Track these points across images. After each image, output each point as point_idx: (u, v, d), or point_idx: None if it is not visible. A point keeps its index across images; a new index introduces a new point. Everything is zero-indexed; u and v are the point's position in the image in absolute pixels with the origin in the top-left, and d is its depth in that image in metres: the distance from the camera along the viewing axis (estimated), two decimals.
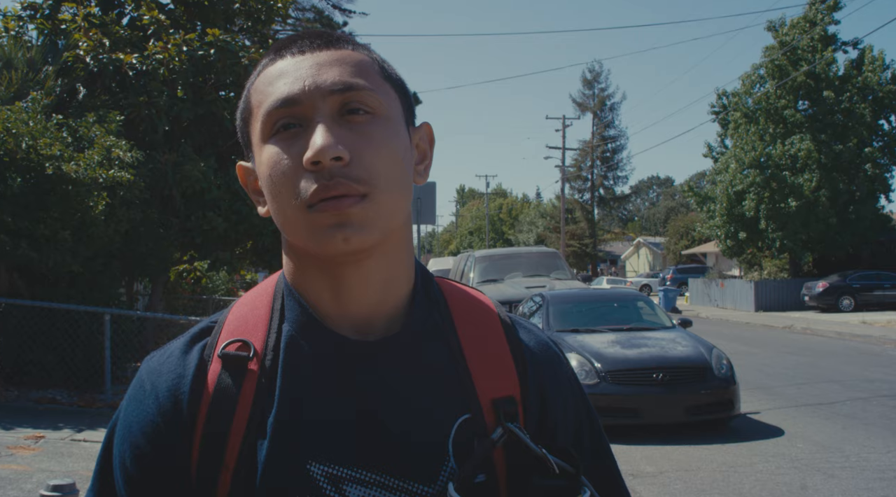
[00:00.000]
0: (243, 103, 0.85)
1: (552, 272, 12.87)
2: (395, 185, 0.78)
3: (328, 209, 0.74)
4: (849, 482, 5.65)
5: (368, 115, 0.78)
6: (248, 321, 0.84)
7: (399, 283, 0.84)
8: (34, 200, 7.04)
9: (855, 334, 17.97)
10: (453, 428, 0.81)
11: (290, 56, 0.81)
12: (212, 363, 0.81)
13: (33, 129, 7.14)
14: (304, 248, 0.80)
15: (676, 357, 7.52)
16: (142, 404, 0.81)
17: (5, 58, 8.54)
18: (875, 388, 9.77)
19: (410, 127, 0.87)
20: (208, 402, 0.79)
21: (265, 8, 10.34)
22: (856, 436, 7.12)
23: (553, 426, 0.86)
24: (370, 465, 0.78)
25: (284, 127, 0.78)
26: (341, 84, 0.78)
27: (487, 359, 0.85)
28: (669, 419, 7.26)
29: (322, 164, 0.74)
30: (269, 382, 0.79)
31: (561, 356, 0.93)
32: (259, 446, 0.77)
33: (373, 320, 0.83)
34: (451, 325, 0.86)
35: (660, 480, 5.85)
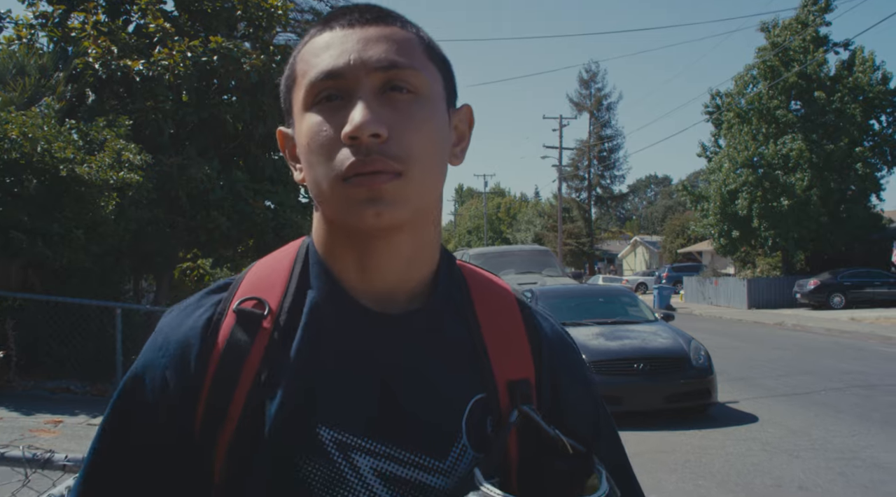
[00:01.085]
0: (289, 70, 0.85)
1: (544, 269, 13.31)
2: (431, 164, 0.80)
3: (363, 183, 0.75)
4: (811, 462, 6.07)
5: (411, 93, 0.79)
6: (266, 281, 0.85)
7: (424, 261, 0.85)
8: (49, 201, 7.45)
9: (843, 331, 18.36)
10: (467, 406, 0.81)
11: (340, 28, 0.81)
12: (226, 317, 0.82)
13: (48, 134, 7.55)
14: (336, 219, 0.81)
15: (656, 348, 7.95)
16: (154, 356, 0.82)
17: (19, 65, 8.94)
18: (851, 379, 10.20)
19: (451, 108, 0.87)
20: (218, 355, 0.80)
21: (266, 15, 10.76)
22: (825, 422, 7.54)
23: (566, 411, 0.88)
24: (381, 436, 0.78)
25: (327, 98, 0.79)
26: (386, 61, 0.78)
27: (504, 341, 0.86)
28: (649, 407, 7.67)
29: (360, 140, 0.75)
30: (282, 342, 0.80)
31: (574, 346, 0.95)
32: (267, 404, 0.78)
33: (396, 295, 0.84)
34: (470, 305, 0.87)
35: (636, 461, 6.17)
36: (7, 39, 9.75)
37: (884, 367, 11.42)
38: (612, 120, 51.32)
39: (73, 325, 8.10)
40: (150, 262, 9.36)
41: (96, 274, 8.49)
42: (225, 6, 10.33)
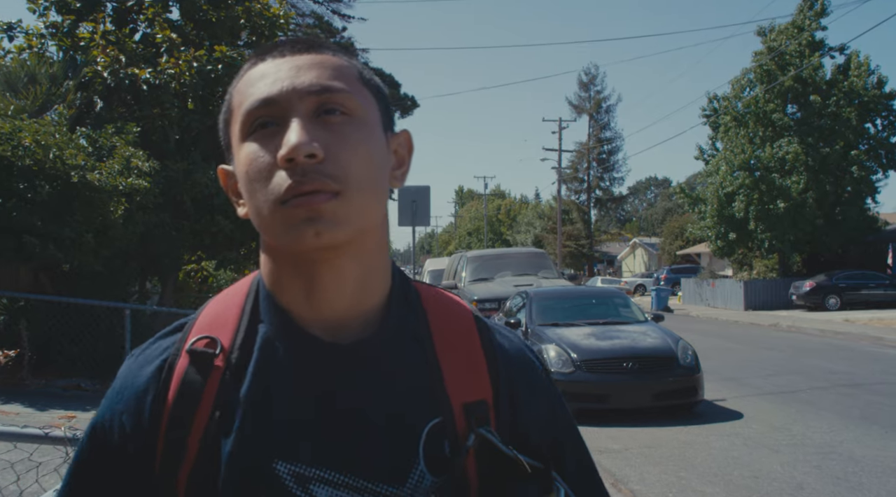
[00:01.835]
0: (225, 106, 0.86)
1: (540, 271, 13.59)
2: (369, 185, 0.80)
3: (301, 204, 0.75)
4: (789, 455, 6.36)
5: (345, 116, 0.80)
6: (219, 319, 0.86)
7: (374, 286, 0.85)
8: (61, 206, 7.75)
9: (837, 331, 18.60)
10: (424, 431, 0.81)
11: (272, 59, 0.83)
12: (180, 359, 0.83)
13: (60, 141, 7.86)
14: (278, 244, 0.81)
15: (645, 348, 8.24)
16: (113, 404, 0.84)
17: (30, 73, 9.25)
18: (836, 378, 10.49)
19: (388, 132, 0.87)
20: (173, 397, 0.81)
21: (268, 24, 11.06)
22: (806, 418, 7.83)
23: (526, 429, 0.87)
24: (338, 466, 0.79)
25: (262, 125, 0.79)
26: (318, 85, 0.79)
27: (461, 363, 0.86)
28: (638, 404, 7.96)
29: (296, 161, 0.75)
30: (234, 379, 0.81)
31: (535, 362, 0.94)
32: (223, 442, 0.79)
33: (347, 322, 0.84)
34: (426, 328, 0.87)
35: (623, 455, 6.57)
36: (18, 48, 10.06)
37: (870, 367, 11.70)
38: (611, 122, 51.56)
39: (84, 325, 8.41)
40: (157, 264, 9.67)
41: (105, 276, 8.79)
42: (229, 15, 10.64)
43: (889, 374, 10.97)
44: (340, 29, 31.46)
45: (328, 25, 31.27)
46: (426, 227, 14.22)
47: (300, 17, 30.34)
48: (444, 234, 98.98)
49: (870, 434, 7.08)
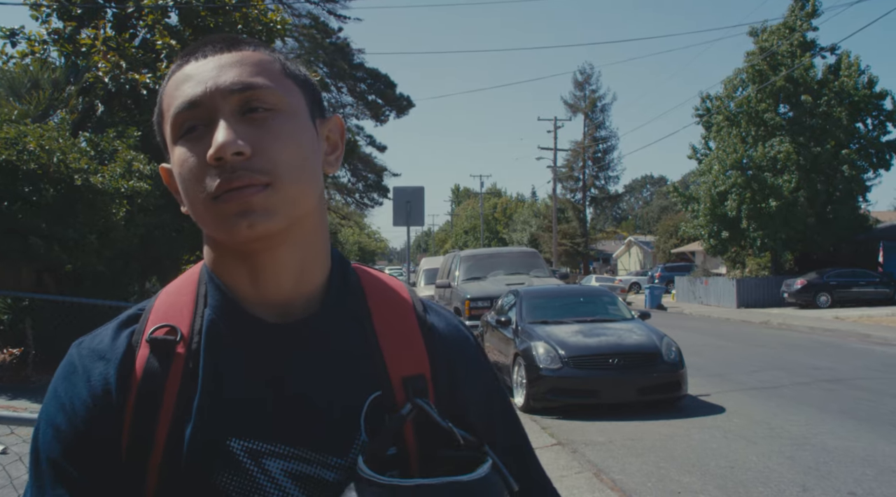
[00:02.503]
0: (157, 108, 0.88)
1: (532, 270, 13.87)
2: (300, 174, 0.82)
3: (232, 198, 0.78)
4: (765, 447, 6.65)
5: (269, 111, 0.82)
6: (175, 307, 0.88)
7: (314, 269, 0.89)
8: (65, 208, 8.01)
9: (826, 329, 18.91)
10: (365, 404, 0.85)
11: (195, 60, 0.84)
12: (140, 348, 0.84)
13: (63, 146, 8.11)
14: (216, 237, 0.84)
15: (630, 344, 8.52)
16: (74, 385, 0.84)
17: (33, 79, 9.49)
18: (819, 374, 10.79)
19: (318, 120, 0.90)
20: (137, 387, 0.82)
21: (265, 29, 11.31)
22: (785, 412, 8.12)
23: (464, 402, 0.91)
24: (288, 440, 0.82)
25: (190, 129, 0.81)
26: (240, 84, 0.81)
27: (399, 340, 0.90)
28: (623, 399, 8.24)
29: (224, 160, 0.77)
30: (195, 366, 0.83)
31: (470, 337, 0.99)
32: (186, 427, 0.81)
33: (291, 304, 0.87)
34: (365, 308, 0.91)
35: (606, 447, 6.85)
36: (21, 54, 10.31)
37: (853, 363, 12.00)
38: (606, 121, 51.85)
39: (87, 323, 8.65)
40: (158, 264, 9.92)
41: (108, 276, 9.05)
42: (227, 21, 10.89)
43: (871, 369, 11.27)
44: (336, 29, 31.71)
45: (324, 26, 31.51)
46: (422, 226, 14.45)
47: (296, 18, 30.57)
48: (440, 232, 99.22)
49: (844, 426, 7.37)
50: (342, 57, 32.19)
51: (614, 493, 5.43)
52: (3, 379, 8.51)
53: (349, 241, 64.62)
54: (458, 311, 12.76)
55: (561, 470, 6.06)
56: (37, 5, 10.32)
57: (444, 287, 14.17)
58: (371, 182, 33.93)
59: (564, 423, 7.79)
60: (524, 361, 8.56)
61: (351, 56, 32.21)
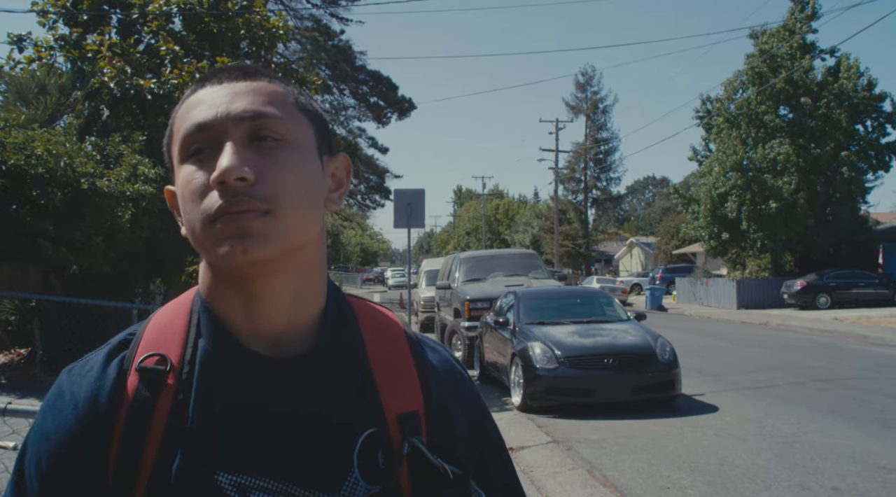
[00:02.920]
0: (168, 129, 0.89)
1: (530, 272, 14.03)
2: (301, 205, 0.83)
3: (230, 222, 0.78)
4: (755, 444, 6.81)
5: (277, 141, 0.83)
6: (166, 334, 0.88)
7: (309, 302, 0.88)
8: (71, 211, 8.19)
9: (824, 330, 19.04)
10: (358, 441, 0.85)
11: (210, 86, 0.86)
12: (130, 376, 0.84)
13: (70, 150, 8.30)
14: (211, 260, 0.84)
15: (625, 345, 8.69)
16: (61, 413, 0.84)
17: (40, 84, 9.69)
18: (813, 374, 10.94)
19: (325, 156, 0.91)
20: (126, 415, 0.82)
21: (267, 35, 11.49)
22: (777, 411, 8.28)
23: (455, 437, 0.92)
24: (277, 475, 0.81)
25: (198, 151, 0.82)
26: (251, 112, 0.83)
27: (393, 375, 0.90)
28: (618, 398, 8.40)
29: (227, 184, 0.78)
30: (185, 396, 0.83)
31: (464, 374, 1.00)
32: (174, 458, 0.80)
33: (284, 337, 0.87)
34: (360, 343, 0.91)
35: (600, 445, 7.01)
36: (27, 59, 10.49)
37: (849, 363, 12.15)
38: (607, 123, 51.97)
39: (93, 324, 8.85)
40: (162, 266, 10.11)
41: (114, 278, 9.24)
42: (230, 27, 11.08)
43: (865, 369, 11.42)
44: (338, 32, 31.92)
45: (326, 28, 31.73)
46: (422, 228, 14.64)
47: (299, 21, 30.79)
48: (442, 233, 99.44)
49: (834, 425, 7.53)
50: (344, 59, 32.37)
51: (605, 489, 5.59)
52: (13, 378, 8.71)
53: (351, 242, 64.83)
54: (458, 312, 12.93)
55: (555, 467, 6.23)
56: (44, 12, 10.51)
57: (444, 288, 14.34)
58: (373, 184, 34.12)
59: (560, 422, 7.95)
60: (521, 361, 8.73)
61: (353, 58, 32.41)
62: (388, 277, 57.47)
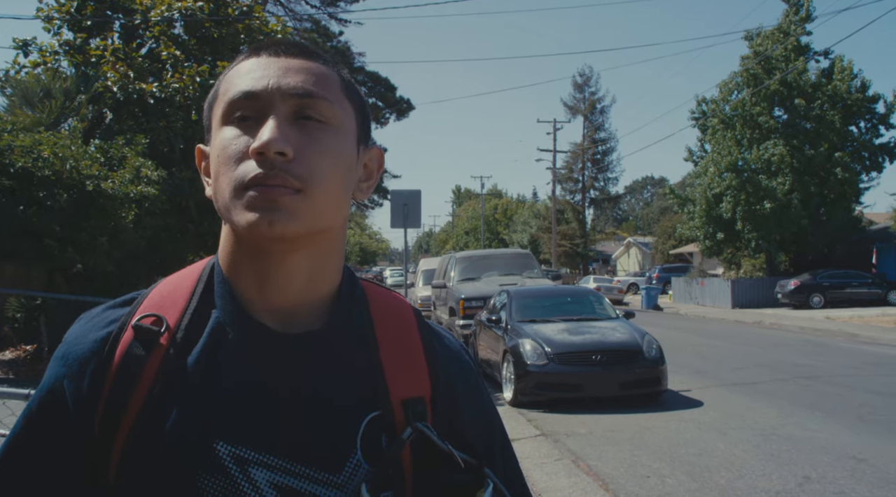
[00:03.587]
0: (213, 90, 0.89)
1: (524, 271, 14.32)
2: (332, 189, 0.83)
3: (261, 193, 0.79)
4: (734, 437, 7.09)
5: (320, 123, 0.84)
6: (168, 299, 0.89)
7: (323, 283, 0.89)
8: (77, 212, 8.47)
9: (816, 329, 19.30)
10: (362, 423, 0.85)
11: (265, 56, 0.86)
12: (125, 332, 0.85)
13: (75, 153, 8.57)
14: (234, 228, 0.83)
15: (613, 342, 8.96)
16: (57, 369, 0.86)
17: (45, 88, 9.96)
18: (798, 371, 11.22)
19: (362, 146, 0.91)
20: (115, 369, 0.83)
21: (267, 39, 11.77)
22: (759, 406, 8.56)
23: (463, 425, 0.92)
24: (278, 451, 0.81)
25: (242, 118, 0.83)
26: (301, 89, 0.83)
27: (402, 360, 0.90)
28: (606, 393, 8.67)
29: (265, 155, 0.79)
30: (178, 358, 0.83)
31: (471, 364, 1.00)
32: (162, 420, 0.81)
33: (296, 313, 0.87)
34: (370, 325, 0.91)
35: (586, 438, 7.28)
36: (32, 63, 10.77)
37: (835, 361, 12.43)
38: (605, 123, 52.31)
39: None
40: (164, 265, 10.39)
41: (117, 276, 9.52)
42: (230, 32, 11.36)
43: (850, 367, 11.70)
44: (337, 33, 32.20)
45: (325, 30, 32.00)
46: (420, 228, 14.91)
47: (298, 22, 31.07)
48: (441, 233, 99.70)
49: (812, 418, 7.81)
50: (343, 60, 32.51)
51: (588, 478, 5.86)
52: (20, 373, 8.98)
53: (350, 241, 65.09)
54: (453, 310, 13.21)
55: (542, 458, 6.50)
56: (49, 18, 10.79)
57: (440, 287, 14.63)
58: None
59: (549, 416, 8.23)
60: (512, 358, 9.00)
61: (352, 59, 32.65)
62: (387, 277, 57.73)
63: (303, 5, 31.25)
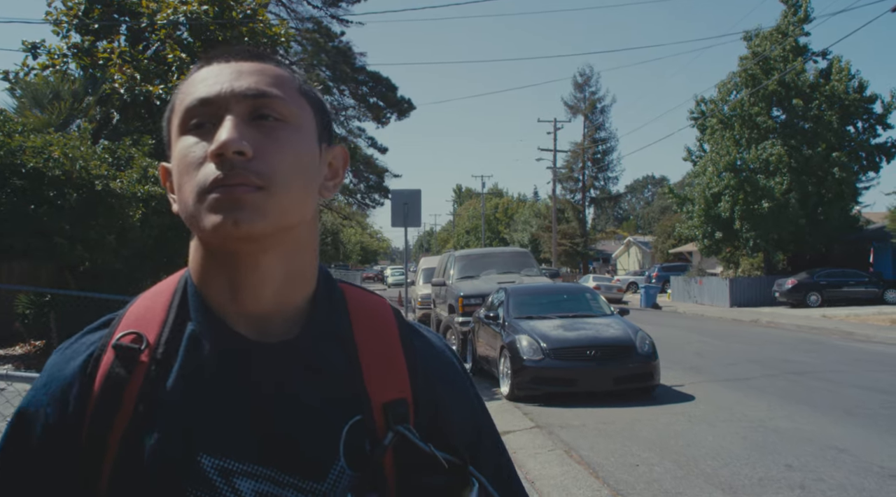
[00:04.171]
0: (170, 105, 0.90)
1: (522, 269, 14.56)
2: (295, 186, 0.83)
3: (223, 194, 0.78)
4: (723, 429, 7.33)
5: (278, 121, 0.84)
6: (146, 315, 0.88)
7: (298, 286, 0.88)
8: (86, 211, 8.72)
9: (812, 327, 19.50)
10: (344, 429, 0.84)
11: (217, 63, 0.87)
12: (105, 354, 0.84)
13: (85, 153, 8.82)
14: (201, 234, 0.82)
15: (607, 337, 9.21)
16: (39, 395, 0.86)
17: (54, 90, 10.22)
18: (789, 367, 11.46)
19: (324, 144, 0.91)
20: (98, 390, 0.83)
21: (270, 41, 12.02)
22: (749, 400, 8.80)
23: (447, 426, 0.91)
24: (262, 460, 0.81)
25: (199, 125, 0.82)
26: (255, 90, 0.83)
27: (381, 363, 0.90)
28: (600, 387, 8.91)
29: (225, 156, 0.78)
30: (160, 375, 0.83)
31: (455, 362, 0.99)
32: (147, 437, 0.80)
33: (271, 320, 0.86)
34: (348, 329, 0.91)
35: (580, 430, 7.53)
36: (41, 65, 11.02)
37: (827, 358, 12.66)
38: (605, 123, 52.53)
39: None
40: (170, 262, 10.63)
41: (124, 273, 9.78)
42: (234, 35, 11.61)
43: (842, 363, 11.93)
44: (339, 33, 32.41)
45: (327, 30, 32.22)
46: (422, 227, 15.17)
47: (300, 22, 31.30)
48: (442, 232, 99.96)
49: (799, 412, 8.05)
50: (344, 60, 32.82)
51: (580, 466, 6.11)
52: (30, 368, 9.22)
53: (351, 240, 65.31)
54: (453, 307, 13.45)
55: (536, 449, 6.75)
56: (58, 21, 11.04)
57: (439, 285, 14.86)
58: (373, 183, 34.58)
59: (544, 410, 8.47)
60: (509, 353, 9.25)
61: (353, 59, 32.85)
62: (388, 276, 58.06)
63: (305, 6, 31.49)
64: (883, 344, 15.07)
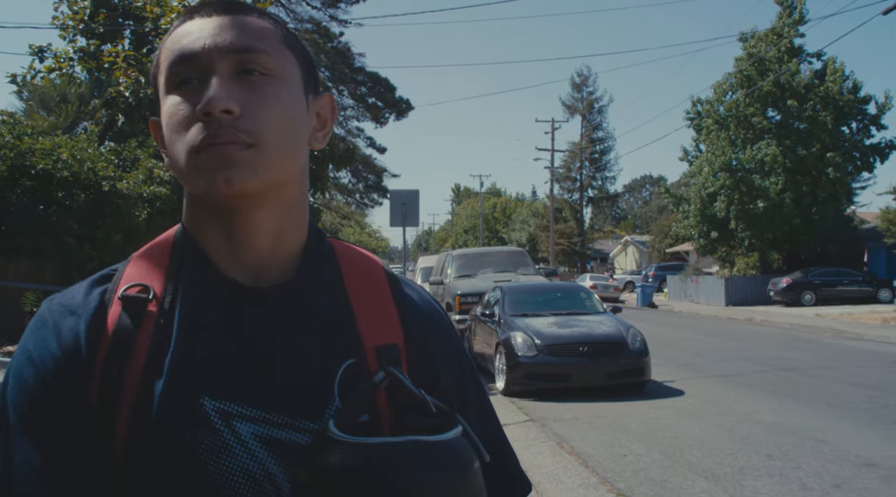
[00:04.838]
0: (154, 61, 0.89)
1: (518, 268, 14.83)
2: (285, 140, 0.84)
3: (214, 153, 0.79)
4: (710, 422, 7.60)
5: (264, 76, 0.84)
6: (148, 267, 0.89)
7: (291, 236, 0.91)
8: (93, 211, 8.98)
9: (805, 325, 19.77)
10: (339, 371, 0.86)
11: (199, 18, 0.86)
12: (112, 306, 0.85)
13: (92, 155, 9.09)
14: (194, 191, 0.85)
15: (600, 334, 9.48)
16: (44, 340, 0.83)
17: (61, 93, 10.47)
18: (779, 364, 11.73)
19: (311, 95, 0.92)
20: (108, 343, 0.82)
21: None
22: (738, 395, 9.07)
23: (436, 374, 0.94)
24: (259, 403, 0.82)
25: (184, 81, 0.83)
26: (238, 45, 0.83)
27: (372, 309, 0.92)
28: (593, 383, 9.18)
29: (213, 115, 0.79)
30: (167, 324, 0.84)
31: (442, 313, 1.02)
32: (156, 384, 0.81)
33: (266, 268, 0.89)
34: (339, 277, 0.93)
35: (572, 423, 7.80)
36: (47, 69, 11.25)
37: (817, 355, 12.94)
38: (603, 123, 52.89)
39: None
40: None
41: None
42: None
43: (829, 360, 12.21)
44: (338, 34, 32.65)
45: (326, 30, 32.45)
46: (420, 226, 15.42)
47: (299, 23, 31.52)
48: (441, 231, 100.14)
49: (784, 406, 8.32)
50: (343, 60, 33.04)
51: (571, 457, 6.38)
52: None
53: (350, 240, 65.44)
54: (450, 306, 13.71)
55: (529, 441, 7.02)
56: (64, 26, 11.27)
57: (437, 284, 15.12)
58: (371, 183, 34.82)
59: (538, 404, 8.74)
60: (504, 350, 9.51)
61: (352, 60, 33.07)
62: None
63: (304, 7, 31.71)
64: (874, 342, 15.35)
